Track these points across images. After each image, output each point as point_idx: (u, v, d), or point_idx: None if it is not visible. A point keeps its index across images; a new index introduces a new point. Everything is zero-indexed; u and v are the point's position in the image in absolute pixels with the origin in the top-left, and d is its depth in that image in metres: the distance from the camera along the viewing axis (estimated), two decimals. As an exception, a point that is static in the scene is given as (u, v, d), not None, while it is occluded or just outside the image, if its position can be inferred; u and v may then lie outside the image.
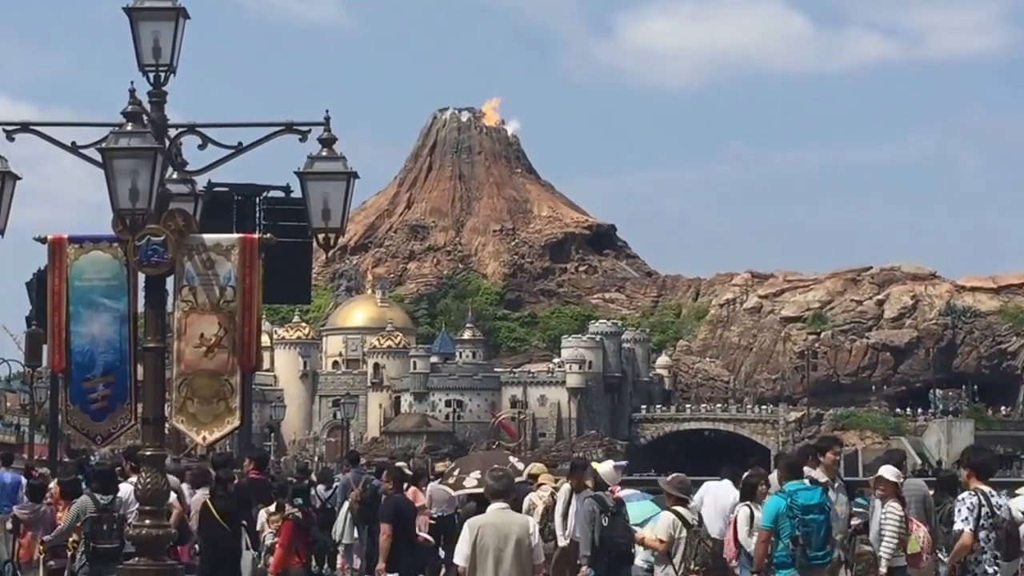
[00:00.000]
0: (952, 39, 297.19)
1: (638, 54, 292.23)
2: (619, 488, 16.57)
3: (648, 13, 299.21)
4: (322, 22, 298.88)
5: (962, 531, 11.59)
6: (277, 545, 16.85)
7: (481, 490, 20.43)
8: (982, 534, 11.60)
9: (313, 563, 16.97)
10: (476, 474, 22.95)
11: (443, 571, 18.85)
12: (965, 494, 12.01)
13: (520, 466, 22.56)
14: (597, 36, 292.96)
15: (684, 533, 13.48)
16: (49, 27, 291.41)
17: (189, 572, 15.55)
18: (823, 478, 14.37)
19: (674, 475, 14.74)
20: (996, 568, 11.64)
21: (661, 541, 13.88)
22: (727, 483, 16.71)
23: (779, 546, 12.83)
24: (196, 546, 16.75)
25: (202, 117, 11.80)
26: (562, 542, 15.51)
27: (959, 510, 11.82)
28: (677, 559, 13.61)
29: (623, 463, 21.46)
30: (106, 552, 15.01)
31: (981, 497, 11.67)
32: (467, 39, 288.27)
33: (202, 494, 17.11)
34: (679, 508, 13.85)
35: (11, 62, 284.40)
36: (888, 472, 14.56)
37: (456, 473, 23.88)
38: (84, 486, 16.62)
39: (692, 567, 13.20)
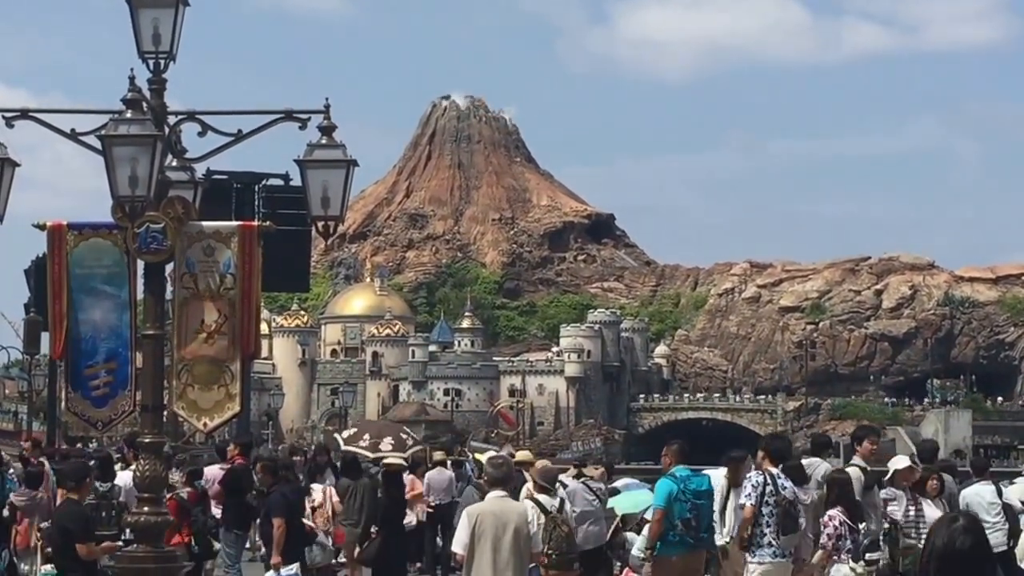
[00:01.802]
0: (950, 29, 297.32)
1: (636, 44, 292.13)
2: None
3: (645, 3, 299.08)
4: (322, 10, 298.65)
5: (744, 506, 13.10)
6: None
7: (395, 456, 20.80)
8: (765, 510, 12.98)
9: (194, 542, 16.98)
10: (389, 440, 23.46)
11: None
12: (752, 473, 13.45)
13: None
14: (595, 26, 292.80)
15: (542, 519, 13.77)
16: (45, 13, 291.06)
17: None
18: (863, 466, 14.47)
19: (543, 465, 15.88)
20: (775, 540, 12.97)
21: None
22: (724, 471, 16.77)
23: (672, 531, 13.86)
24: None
25: (201, 105, 11.78)
26: (721, 540, 14.29)
27: (745, 487, 13.28)
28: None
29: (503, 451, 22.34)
30: (104, 539, 15.04)
31: (767, 477, 13.07)
32: (466, 28, 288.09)
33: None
34: (540, 496, 14.22)
35: (7, 48, 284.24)
36: (902, 462, 14.69)
37: (367, 438, 23.96)
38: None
39: (547, 551, 13.65)
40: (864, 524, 13.70)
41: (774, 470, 13.25)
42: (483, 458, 19.50)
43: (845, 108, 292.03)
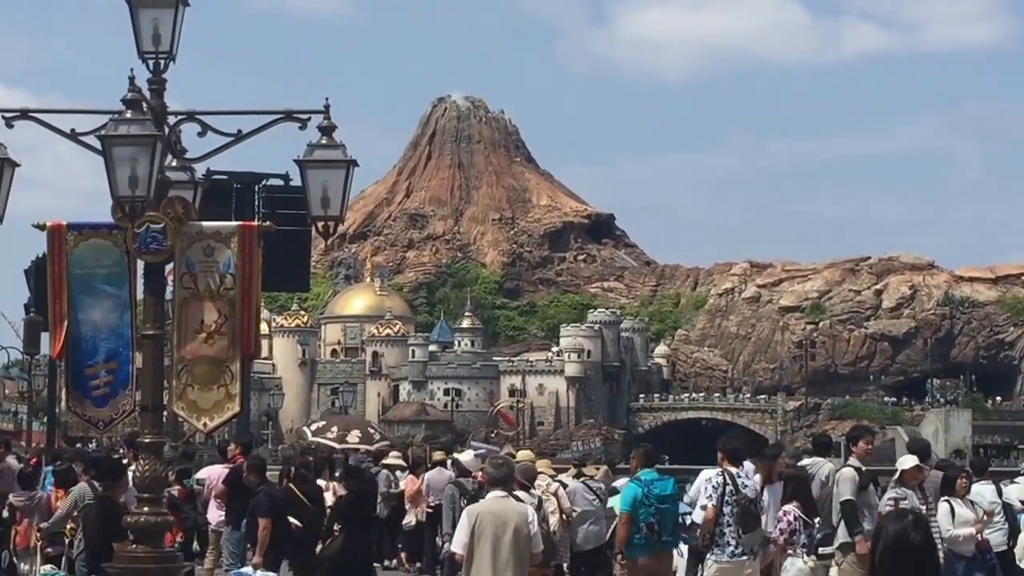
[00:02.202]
0: (950, 29, 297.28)
1: (635, 44, 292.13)
2: (480, 474, 17.61)
3: (645, 3, 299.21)
4: (322, 10, 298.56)
5: (706, 507, 13.27)
6: None
7: (364, 445, 21.02)
8: (726, 509, 13.11)
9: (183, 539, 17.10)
10: (357, 432, 23.87)
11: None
12: (712, 474, 13.65)
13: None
14: (595, 26, 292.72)
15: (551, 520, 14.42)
16: (45, 13, 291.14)
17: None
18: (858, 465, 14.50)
19: (523, 464, 16.29)
20: (736, 539, 13.09)
21: None
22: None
23: (638, 533, 13.96)
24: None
25: (201, 105, 11.77)
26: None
27: (705, 488, 13.54)
28: None
29: (482, 449, 22.75)
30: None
31: (727, 477, 13.20)
32: (466, 28, 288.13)
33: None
34: (519, 493, 14.10)
35: (6, 48, 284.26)
36: (910, 461, 14.72)
37: (335, 430, 24.18)
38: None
39: None
40: (818, 519, 13.77)
41: (733, 470, 13.43)
42: (462, 457, 20.09)
43: (845, 108, 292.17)
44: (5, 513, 17.89)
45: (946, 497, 14.87)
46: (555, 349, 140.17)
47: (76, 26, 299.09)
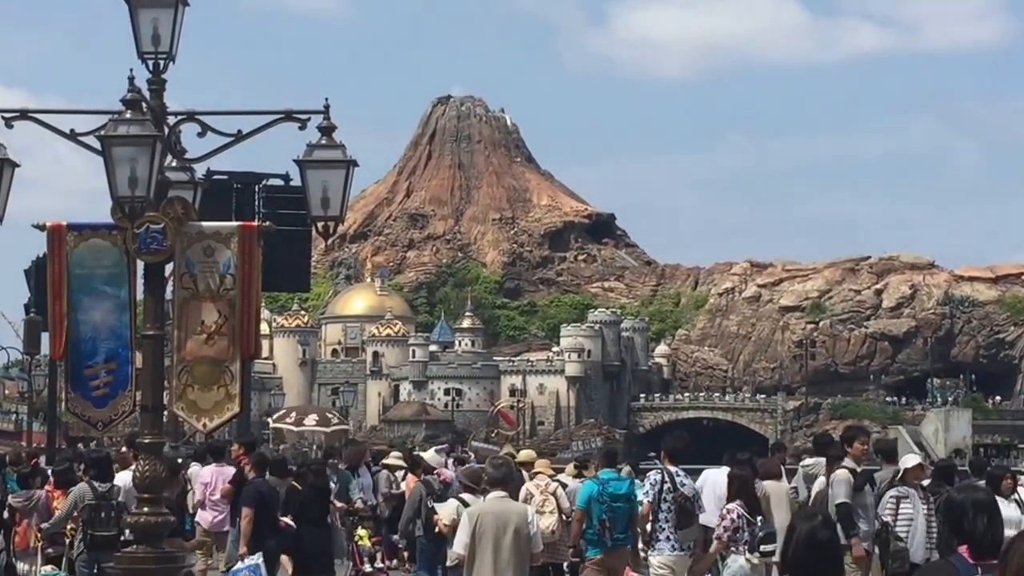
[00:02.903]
0: (948, 29, 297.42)
1: (634, 44, 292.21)
2: (445, 471, 19.00)
3: (643, 3, 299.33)
4: (321, 10, 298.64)
5: (642, 503, 14.04)
6: None
7: (320, 428, 21.25)
8: (664, 506, 13.81)
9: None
10: (314, 416, 24.32)
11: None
12: (652, 472, 14.53)
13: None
14: (593, 26, 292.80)
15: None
16: (43, 13, 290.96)
17: None
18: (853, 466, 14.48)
19: (468, 467, 17.07)
20: (672, 535, 13.80)
21: (446, 524, 15.42)
22: (726, 470, 16.79)
23: (592, 528, 14.64)
24: None
25: (201, 105, 11.77)
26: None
27: (643, 484, 14.34)
28: None
29: (444, 446, 23.21)
30: (104, 539, 15.02)
31: (664, 475, 13.90)
32: (465, 28, 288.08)
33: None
34: (465, 495, 15.07)
35: (5, 48, 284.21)
36: (912, 460, 14.70)
37: (293, 415, 24.53)
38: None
39: None
40: (760, 518, 14.01)
41: (673, 469, 14.05)
42: (425, 455, 20.56)
43: (844, 108, 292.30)
44: (5, 514, 17.89)
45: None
46: (555, 349, 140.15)
47: (75, 26, 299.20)
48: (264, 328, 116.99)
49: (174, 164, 10.76)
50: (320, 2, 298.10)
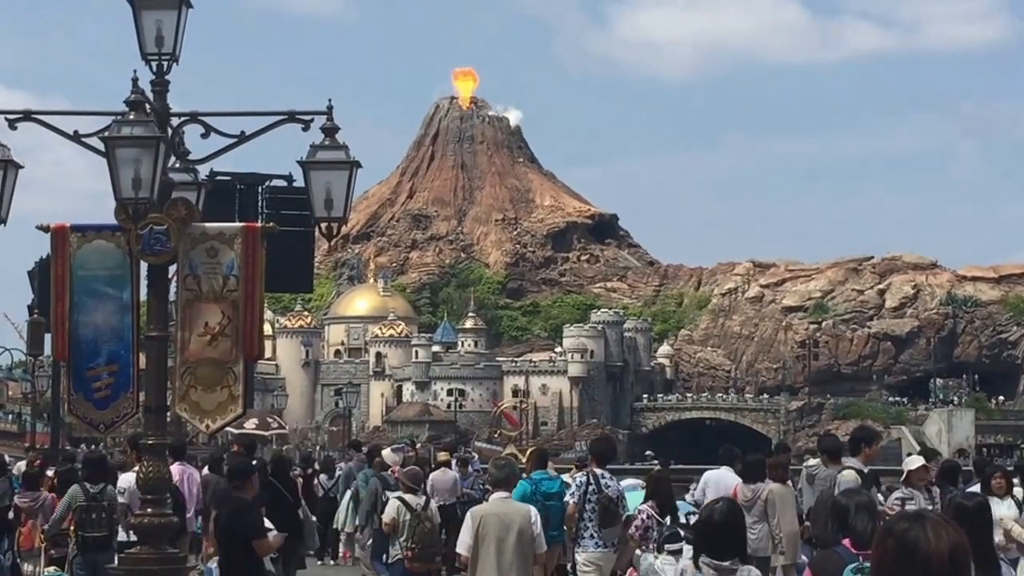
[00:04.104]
0: (948, 28, 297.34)
1: (634, 45, 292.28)
2: (398, 469, 19.61)
3: (643, 5, 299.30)
4: (323, 12, 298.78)
5: (568, 503, 14.69)
6: None
7: (260, 432, 21.44)
8: (588, 507, 14.42)
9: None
10: (254, 420, 24.75)
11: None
12: (578, 474, 15.33)
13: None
14: (594, 27, 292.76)
15: (408, 517, 15.86)
16: (44, 14, 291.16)
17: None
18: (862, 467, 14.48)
19: (409, 468, 17.65)
20: (597, 533, 14.42)
21: (386, 523, 16.32)
22: (726, 470, 16.85)
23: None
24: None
25: (204, 106, 11.74)
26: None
27: (569, 486, 15.14)
28: (402, 539, 16.08)
29: (401, 446, 24.09)
30: (95, 541, 14.96)
31: (589, 477, 14.52)
32: (466, 29, 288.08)
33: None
34: (406, 496, 16.14)
35: (6, 49, 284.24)
36: (916, 461, 14.69)
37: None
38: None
39: (411, 545, 15.76)
40: (668, 519, 14.40)
41: (599, 471, 14.67)
42: (384, 453, 21.32)
43: (846, 107, 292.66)
44: (11, 514, 17.90)
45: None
46: (558, 349, 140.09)
47: (76, 28, 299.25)
48: (267, 329, 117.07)
49: (177, 165, 10.76)
50: (323, 4, 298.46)
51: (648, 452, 73.68)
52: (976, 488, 16.18)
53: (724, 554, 7.64)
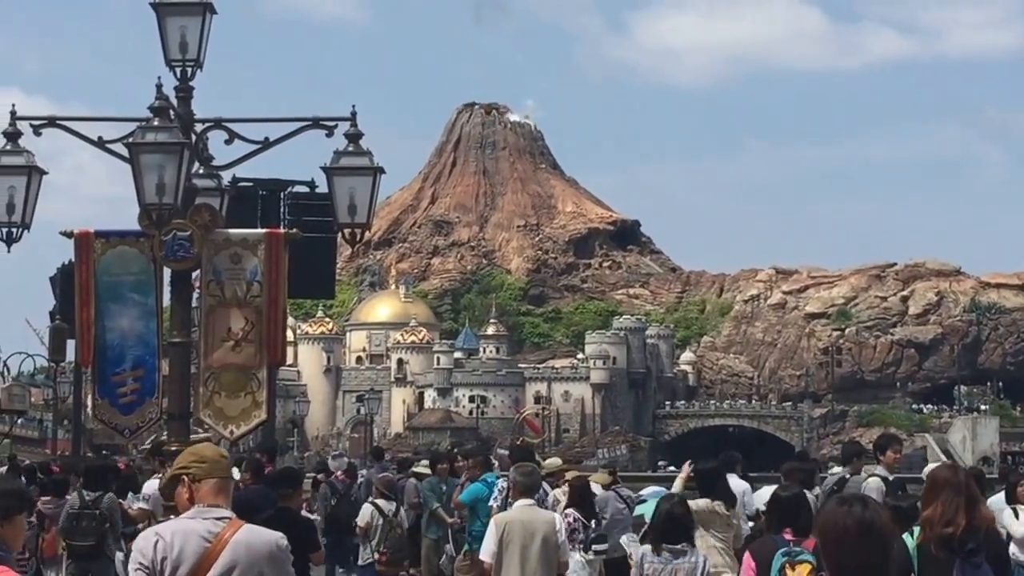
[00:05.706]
0: (969, 35, 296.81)
1: (654, 52, 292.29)
2: (341, 474, 20.89)
3: (663, 12, 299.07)
4: (347, 19, 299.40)
5: (492, 507, 15.10)
6: None
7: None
8: None
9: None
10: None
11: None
12: (499, 480, 15.90)
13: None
14: (614, 34, 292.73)
15: (380, 521, 16.74)
16: (63, 20, 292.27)
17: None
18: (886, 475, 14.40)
19: (384, 475, 18.67)
20: None
21: (360, 527, 17.14)
22: (734, 477, 16.78)
23: (477, 523, 15.90)
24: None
25: (228, 112, 11.72)
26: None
27: (494, 494, 15.59)
28: (374, 542, 16.84)
29: (338, 451, 25.88)
30: (82, 550, 14.83)
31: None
32: (487, 36, 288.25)
33: None
34: (379, 501, 16.99)
35: (26, 56, 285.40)
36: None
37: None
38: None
39: (382, 548, 16.68)
40: (594, 521, 15.06)
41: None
42: (329, 460, 22.55)
43: (867, 114, 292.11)
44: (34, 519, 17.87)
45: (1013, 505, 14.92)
46: (580, 356, 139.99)
47: (95, 34, 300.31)
48: (289, 335, 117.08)
49: (201, 171, 10.75)
50: (346, 11, 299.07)
51: (661, 462, 73.47)
52: (1000, 496, 16.11)
53: (678, 540, 9.88)
